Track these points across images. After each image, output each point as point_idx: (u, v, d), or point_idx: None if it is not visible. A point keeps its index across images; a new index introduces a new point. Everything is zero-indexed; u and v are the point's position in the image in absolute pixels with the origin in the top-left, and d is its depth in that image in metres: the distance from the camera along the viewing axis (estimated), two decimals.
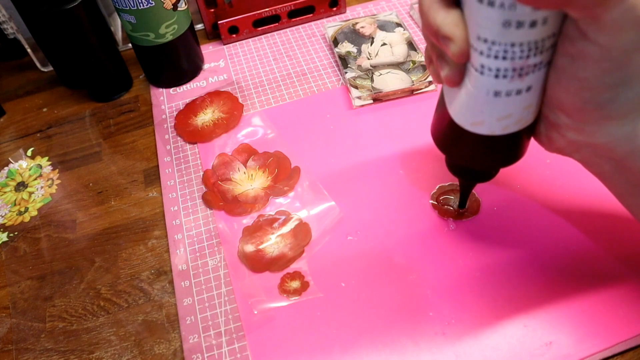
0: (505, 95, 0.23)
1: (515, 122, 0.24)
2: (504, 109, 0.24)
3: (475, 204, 0.36)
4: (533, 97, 0.23)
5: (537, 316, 0.30)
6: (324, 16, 0.56)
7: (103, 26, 0.47)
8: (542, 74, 0.23)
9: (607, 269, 0.32)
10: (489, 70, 0.22)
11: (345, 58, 0.48)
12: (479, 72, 0.22)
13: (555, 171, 0.37)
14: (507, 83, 0.22)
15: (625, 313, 0.30)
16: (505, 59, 0.21)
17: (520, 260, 0.33)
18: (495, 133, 0.25)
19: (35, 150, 0.47)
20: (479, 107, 0.24)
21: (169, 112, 0.48)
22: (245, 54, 0.53)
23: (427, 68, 0.28)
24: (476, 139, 0.25)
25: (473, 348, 0.29)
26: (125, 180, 0.43)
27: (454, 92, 0.25)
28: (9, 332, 0.34)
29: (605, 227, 0.34)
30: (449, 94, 0.26)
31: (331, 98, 0.46)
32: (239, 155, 0.42)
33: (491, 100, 0.23)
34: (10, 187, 0.44)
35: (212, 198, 0.39)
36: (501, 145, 0.26)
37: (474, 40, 0.22)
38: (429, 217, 0.36)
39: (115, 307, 0.35)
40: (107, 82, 0.50)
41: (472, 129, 0.25)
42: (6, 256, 0.39)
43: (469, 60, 0.23)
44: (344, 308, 0.32)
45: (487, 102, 0.23)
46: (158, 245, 0.38)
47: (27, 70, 0.55)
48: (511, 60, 0.21)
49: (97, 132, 0.48)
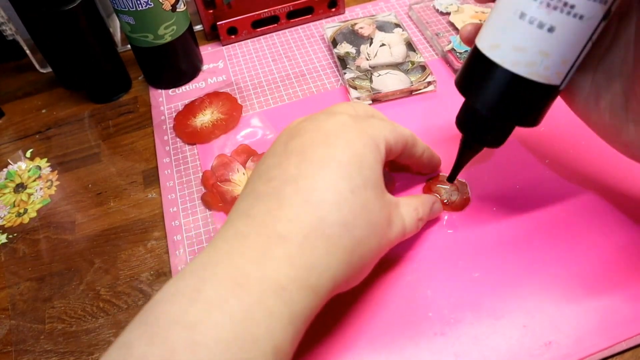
0: (528, 23, 0.24)
1: (527, 64, 0.24)
2: (521, 38, 0.24)
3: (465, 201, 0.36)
4: (553, 45, 0.24)
5: (537, 316, 0.30)
6: (323, 17, 0.56)
7: (102, 27, 0.47)
8: (572, 27, 0.23)
9: (607, 269, 0.32)
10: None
11: (344, 59, 0.48)
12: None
13: (555, 171, 0.37)
14: (535, 7, 0.23)
15: (625, 313, 0.30)
16: None
17: (520, 260, 0.33)
18: (505, 65, 0.25)
19: (34, 152, 0.47)
20: (502, 26, 0.25)
21: (168, 113, 0.48)
22: (244, 54, 0.53)
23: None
24: (489, 68, 0.26)
25: (472, 348, 0.29)
26: (125, 181, 0.43)
27: (487, 20, 0.26)
28: (9, 334, 0.34)
29: (605, 227, 0.34)
30: (483, 25, 0.27)
31: (330, 99, 0.46)
32: (238, 156, 0.42)
33: (515, 20, 0.24)
34: (9, 189, 0.44)
35: (212, 199, 0.39)
36: (508, 85, 0.26)
37: None
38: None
39: (114, 308, 0.35)
40: (106, 83, 0.50)
41: (488, 54, 0.26)
42: (5, 257, 0.39)
43: None
44: (343, 308, 0.32)
45: (510, 21, 0.24)
46: (157, 247, 0.38)
47: (26, 71, 0.55)
48: None
49: (96, 133, 0.48)
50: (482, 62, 0.26)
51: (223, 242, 0.25)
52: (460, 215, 0.36)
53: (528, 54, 0.24)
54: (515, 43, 0.24)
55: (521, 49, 0.24)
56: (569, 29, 0.23)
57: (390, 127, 0.30)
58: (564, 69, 0.25)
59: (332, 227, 0.24)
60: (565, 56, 0.24)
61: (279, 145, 0.28)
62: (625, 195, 0.35)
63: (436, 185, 0.37)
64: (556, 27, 0.23)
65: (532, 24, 0.23)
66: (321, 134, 0.27)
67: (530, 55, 0.24)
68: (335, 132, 0.27)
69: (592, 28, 0.23)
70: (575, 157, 0.37)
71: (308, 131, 0.28)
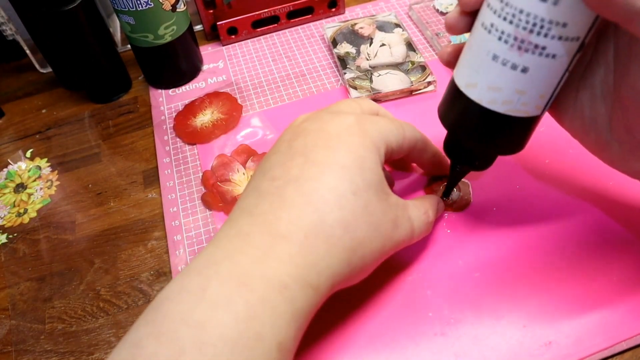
0: (501, 64, 0.23)
1: (503, 102, 0.24)
2: (495, 78, 0.24)
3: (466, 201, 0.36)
4: (527, 84, 0.23)
5: (537, 316, 0.30)
6: (323, 17, 0.56)
7: (102, 27, 0.47)
8: (545, 66, 0.23)
9: (607, 269, 0.32)
10: (496, 30, 0.23)
11: (344, 59, 0.48)
12: (487, 31, 0.23)
13: (555, 172, 0.37)
14: (506, 50, 0.23)
15: (625, 313, 0.30)
16: (512, 24, 0.22)
17: (520, 260, 0.33)
18: (482, 103, 0.25)
19: (34, 152, 0.47)
20: (476, 66, 0.25)
21: (168, 113, 0.48)
22: (244, 54, 0.53)
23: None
24: (467, 104, 0.26)
25: (473, 348, 0.29)
26: (125, 181, 0.43)
27: (463, 53, 0.26)
28: (9, 334, 0.34)
29: (605, 227, 0.34)
30: (460, 58, 0.27)
31: (330, 99, 0.46)
32: (238, 156, 0.42)
33: (488, 62, 0.24)
34: (9, 189, 0.44)
35: (212, 199, 0.39)
36: (487, 122, 0.26)
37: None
38: None
39: (114, 308, 0.35)
40: (106, 83, 0.50)
41: (465, 91, 0.26)
42: (5, 257, 0.39)
43: (481, 18, 0.24)
44: (343, 307, 0.32)
45: (484, 62, 0.24)
46: (157, 247, 0.38)
47: (26, 71, 0.55)
48: (516, 27, 0.22)
49: (96, 133, 0.48)
50: (460, 98, 0.26)
51: (226, 240, 0.25)
52: (461, 215, 0.36)
53: (504, 93, 0.24)
54: (490, 83, 0.24)
55: (497, 89, 0.24)
56: (543, 68, 0.23)
57: (395, 127, 0.30)
58: (542, 102, 0.25)
59: (332, 228, 0.25)
60: (542, 91, 0.24)
61: (283, 143, 0.28)
62: (624, 196, 0.35)
63: (439, 186, 0.37)
64: (529, 67, 0.23)
65: (505, 65, 0.23)
66: (324, 135, 0.27)
67: (507, 95, 0.24)
68: (338, 135, 0.27)
69: (567, 63, 0.23)
70: (576, 157, 0.37)
71: (312, 131, 0.28)
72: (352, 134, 0.27)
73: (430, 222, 0.31)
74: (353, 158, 0.26)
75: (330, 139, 0.27)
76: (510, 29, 0.22)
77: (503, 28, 0.22)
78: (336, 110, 0.30)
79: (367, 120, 0.29)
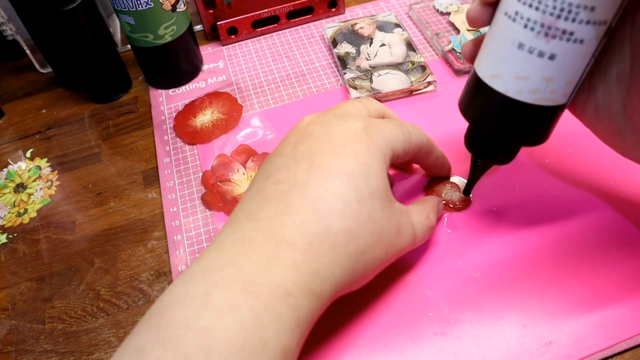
0: (528, 52, 0.23)
1: (530, 90, 0.24)
2: (522, 67, 0.24)
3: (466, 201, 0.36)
4: (555, 71, 0.23)
5: (537, 316, 0.30)
6: (323, 17, 0.56)
7: (102, 27, 0.47)
8: (573, 52, 0.22)
9: (606, 268, 0.32)
10: (521, 18, 0.23)
11: (344, 59, 0.48)
12: (512, 19, 0.23)
13: (555, 172, 0.37)
14: (532, 37, 0.23)
15: (625, 313, 0.30)
16: (538, 10, 0.22)
17: (520, 260, 0.33)
18: (508, 93, 0.25)
19: (34, 152, 0.47)
20: (501, 56, 0.24)
21: (168, 113, 0.48)
22: (244, 55, 0.53)
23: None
24: (492, 96, 0.25)
25: (472, 348, 0.29)
26: (125, 181, 0.43)
27: (484, 45, 0.26)
28: (9, 334, 0.34)
29: (605, 227, 0.34)
30: (481, 50, 0.26)
31: (330, 99, 0.46)
32: (238, 156, 0.42)
33: (514, 51, 0.23)
34: (9, 189, 0.44)
35: (212, 199, 0.39)
36: (514, 113, 0.25)
37: None
38: None
39: (114, 308, 0.35)
40: (106, 83, 0.50)
41: (490, 83, 0.25)
42: (5, 257, 0.39)
43: (503, 7, 0.24)
44: (344, 308, 0.32)
45: (509, 52, 0.24)
46: (157, 247, 0.38)
47: (26, 71, 0.55)
48: (542, 13, 0.22)
49: (96, 133, 0.48)
50: (484, 90, 0.26)
51: (230, 244, 0.25)
52: (461, 215, 0.36)
53: (531, 82, 0.24)
54: (517, 73, 0.24)
55: (523, 78, 0.24)
56: (570, 54, 0.23)
57: (402, 133, 0.29)
58: (570, 89, 0.24)
59: (337, 236, 0.25)
60: (569, 78, 0.24)
61: (287, 145, 0.28)
62: (625, 195, 0.35)
63: (439, 186, 0.37)
64: (557, 54, 0.23)
65: (532, 53, 0.23)
66: (331, 140, 0.27)
67: (534, 83, 0.24)
68: (344, 140, 0.27)
69: (594, 48, 0.23)
70: (576, 157, 0.37)
71: (317, 136, 0.27)
72: (359, 141, 0.27)
73: (432, 226, 0.31)
74: (359, 165, 0.26)
75: (337, 144, 0.27)
76: (537, 16, 0.22)
77: (529, 15, 0.22)
78: (343, 114, 0.29)
79: (375, 125, 0.28)
